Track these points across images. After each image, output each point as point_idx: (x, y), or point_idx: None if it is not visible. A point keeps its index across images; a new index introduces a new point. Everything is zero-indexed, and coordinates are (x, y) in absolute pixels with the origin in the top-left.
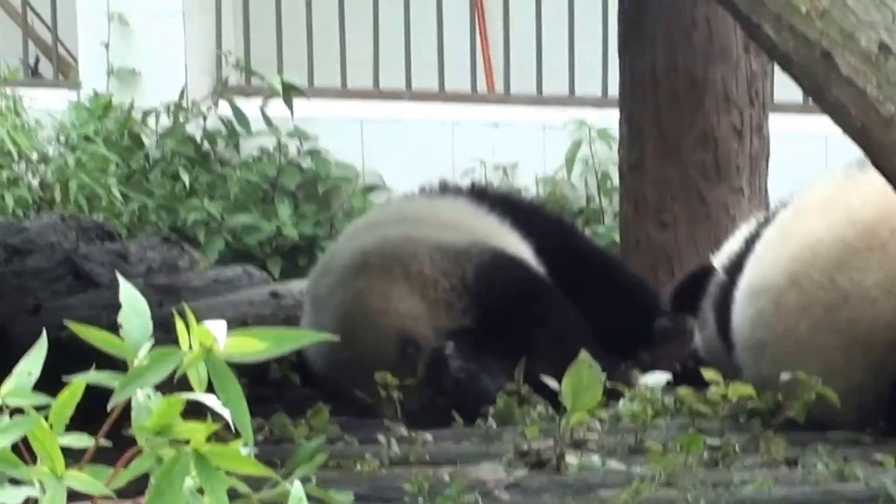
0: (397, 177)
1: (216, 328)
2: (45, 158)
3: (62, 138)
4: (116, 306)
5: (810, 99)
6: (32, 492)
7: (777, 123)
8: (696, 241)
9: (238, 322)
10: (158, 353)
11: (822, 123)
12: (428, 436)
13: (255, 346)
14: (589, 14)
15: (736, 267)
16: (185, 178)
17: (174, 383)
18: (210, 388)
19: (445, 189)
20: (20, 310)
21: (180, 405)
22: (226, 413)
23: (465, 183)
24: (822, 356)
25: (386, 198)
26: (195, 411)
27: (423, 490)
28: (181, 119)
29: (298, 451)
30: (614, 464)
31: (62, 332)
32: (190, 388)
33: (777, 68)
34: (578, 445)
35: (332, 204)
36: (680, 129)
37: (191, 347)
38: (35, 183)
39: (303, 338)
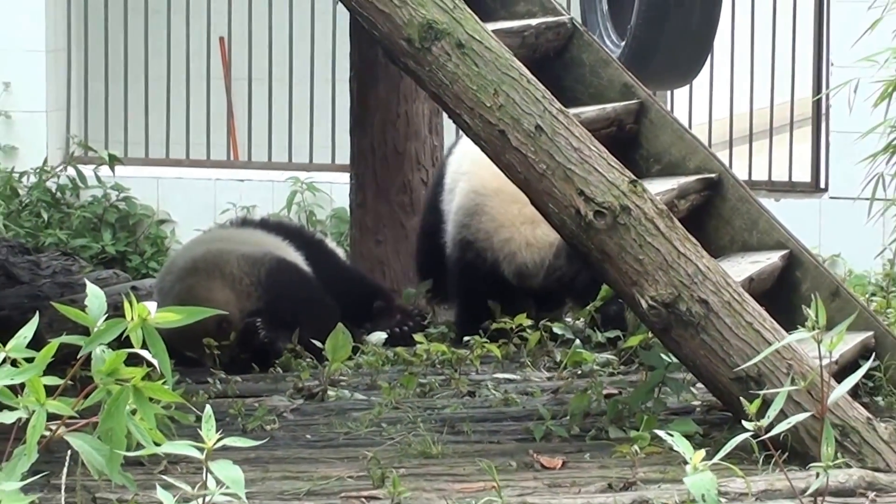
0: (181, 214)
1: (149, 305)
2: None
3: None
4: (32, 296)
5: None
6: (23, 414)
7: None
8: (399, 253)
9: (113, 307)
10: (111, 321)
11: None
12: (238, 378)
13: (173, 317)
14: (301, 104)
15: None
16: (45, 215)
17: (121, 342)
18: (144, 346)
19: (245, 221)
20: None
21: (124, 356)
22: (155, 362)
23: (257, 217)
24: None
25: (172, 228)
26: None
27: (240, 413)
28: (43, 178)
29: None
30: (359, 395)
31: (0, 311)
32: (132, 346)
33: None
34: (335, 384)
35: (137, 231)
36: (388, 181)
37: (132, 319)
38: None
39: (200, 313)
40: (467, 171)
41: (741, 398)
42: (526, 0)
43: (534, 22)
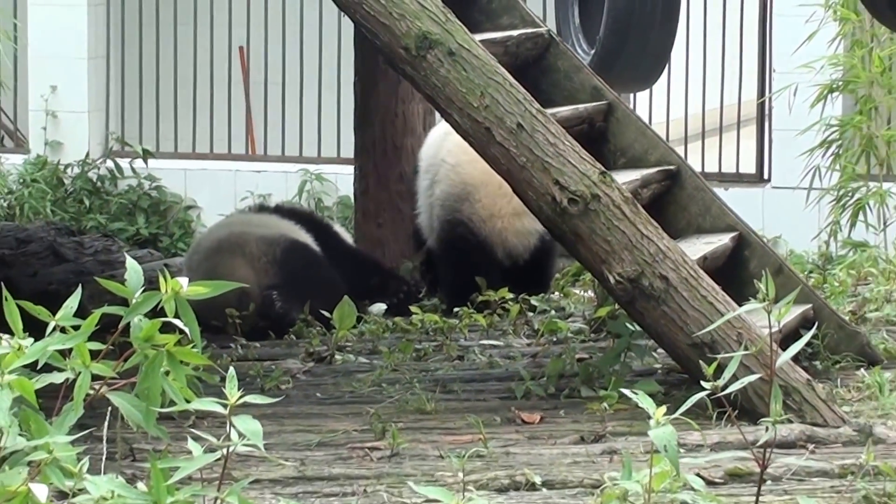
0: (205, 201)
1: (182, 280)
2: (10, 192)
3: (20, 181)
4: (76, 272)
5: None
6: (70, 375)
7: None
8: (397, 234)
9: (147, 281)
10: (147, 294)
11: None
12: (257, 344)
13: (202, 290)
14: (310, 104)
15: None
16: (87, 202)
17: (156, 312)
18: (176, 315)
19: (262, 207)
20: (24, 274)
21: (159, 324)
22: (186, 329)
23: (272, 204)
24: None
25: (198, 213)
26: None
27: (259, 374)
28: (85, 169)
29: None
30: (363, 359)
31: (49, 286)
32: (166, 315)
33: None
34: (341, 349)
35: (167, 216)
36: (388, 171)
37: (167, 291)
38: (4, 204)
39: (224, 286)
40: (450, 161)
41: (699, 362)
42: (509, 14)
43: (515, 33)
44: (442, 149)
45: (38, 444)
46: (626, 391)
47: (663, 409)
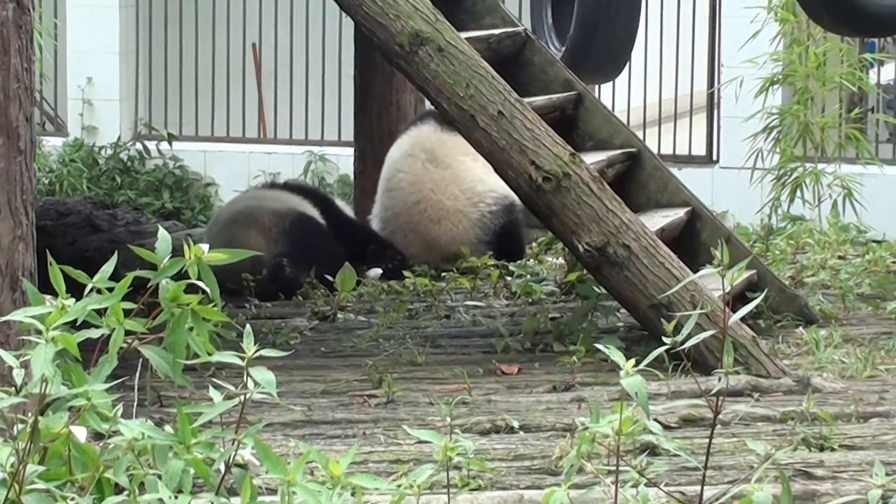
0: (223, 179)
1: (203, 247)
2: (51, 170)
3: (60, 161)
4: (110, 241)
5: None
6: (105, 331)
7: None
8: None
9: (172, 249)
10: (173, 259)
11: None
12: (268, 304)
13: (221, 256)
14: (315, 94)
15: None
16: (118, 179)
17: (181, 275)
18: (199, 278)
19: (273, 184)
20: (64, 242)
21: (184, 286)
22: (207, 290)
23: (281, 180)
24: None
25: (216, 189)
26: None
27: (270, 331)
28: (117, 151)
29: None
30: (362, 318)
31: (86, 253)
32: (190, 278)
33: None
34: (343, 309)
35: (189, 192)
36: (384, 153)
37: (190, 257)
38: (46, 181)
39: (240, 254)
40: (393, 185)
41: (657, 320)
42: (491, 15)
43: (496, 31)
44: (388, 172)
45: (78, 391)
46: (598, 345)
47: (632, 361)
